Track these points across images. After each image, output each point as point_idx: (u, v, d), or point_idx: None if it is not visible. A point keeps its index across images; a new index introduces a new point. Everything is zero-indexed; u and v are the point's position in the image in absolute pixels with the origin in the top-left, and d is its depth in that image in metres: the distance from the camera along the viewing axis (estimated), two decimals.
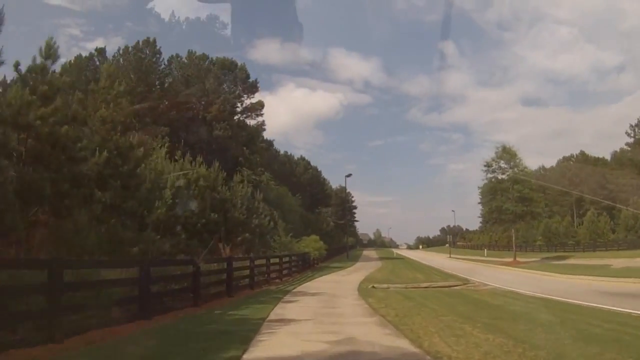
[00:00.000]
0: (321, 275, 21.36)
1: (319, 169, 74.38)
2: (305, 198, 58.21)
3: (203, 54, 33.69)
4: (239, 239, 21.14)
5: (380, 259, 43.89)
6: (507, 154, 33.64)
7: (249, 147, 31.99)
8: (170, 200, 12.44)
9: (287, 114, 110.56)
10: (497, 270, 26.50)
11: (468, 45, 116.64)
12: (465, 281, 17.98)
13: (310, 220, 45.79)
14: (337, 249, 52.21)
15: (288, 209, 37.22)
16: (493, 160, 34.18)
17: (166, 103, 28.12)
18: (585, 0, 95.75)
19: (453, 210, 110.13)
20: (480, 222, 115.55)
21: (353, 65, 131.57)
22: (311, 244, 27.59)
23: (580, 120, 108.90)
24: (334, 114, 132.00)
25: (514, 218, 34.11)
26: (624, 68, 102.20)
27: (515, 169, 33.25)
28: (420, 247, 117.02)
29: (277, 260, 19.97)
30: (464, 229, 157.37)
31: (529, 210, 33.71)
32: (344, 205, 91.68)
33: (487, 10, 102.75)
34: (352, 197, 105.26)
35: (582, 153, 66.21)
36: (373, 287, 15.24)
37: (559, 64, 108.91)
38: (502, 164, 33.98)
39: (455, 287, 15.77)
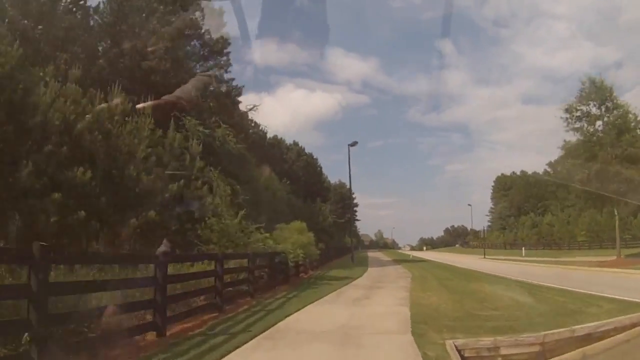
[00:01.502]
0: (305, 304, 9.75)
1: (314, 157, 62.76)
2: (298, 189, 46.72)
3: None
4: (134, 221, 10.05)
5: (396, 262, 32.41)
6: (599, 90, 22.17)
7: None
8: None
9: (286, 115, 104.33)
10: (631, 278, 15.17)
11: (465, 43, 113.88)
12: None
13: (301, 211, 34.26)
14: (337, 250, 40.82)
15: (268, 192, 25.74)
16: (577, 104, 22.72)
17: None
18: None
19: (469, 205, 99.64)
20: (489, 221, 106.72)
21: (351, 66, 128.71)
22: (293, 238, 15.99)
23: None
24: (332, 114, 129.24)
25: (625, 189, 22.13)
26: (622, 64, 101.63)
27: (615, 112, 21.82)
28: (424, 248, 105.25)
29: (201, 267, 8.70)
30: (469, 229, 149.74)
31: None
32: (345, 201, 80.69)
33: (483, 6, 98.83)
34: (353, 193, 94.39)
35: None
36: None
37: (557, 61, 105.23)
38: (593, 108, 22.52)
39: None
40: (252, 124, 49.23)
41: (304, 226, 17.30)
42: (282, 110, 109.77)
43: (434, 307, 9.17)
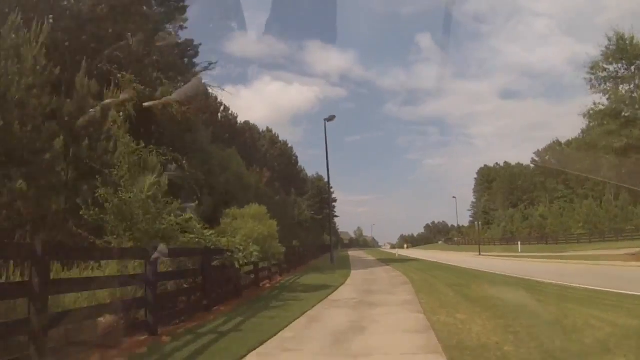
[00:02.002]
0: (241, 354, 4.99)
1: (289, 145, 57.98)
2: (271, 179, 41.68)
3: None
4: None
5: (383, 262, 27.86)
6: (629, 47, 18.11)
7: (136, 36, 15.50)
8: None
9: (264, 108, 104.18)
10: None
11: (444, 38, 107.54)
12: None
13: (273, 201, 29.34)
14: (315, 249, 36.17)
15: (230, 176, 20.77)
16: (602, 61, 18.61)
17: None
18: None
19: (454, 197, 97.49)
20: (471, 216, 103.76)
21: (330, 59, 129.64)
22: (246, 229, 11.04)
23: (557, 113, 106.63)
24: (310, 107, 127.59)
25: None
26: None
27: None
28: (406, 246, 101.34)
29: None
30: (449, 225, 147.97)
31: None
32: (323, 195, 76.44)
33: (464, 2, 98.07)
34: (332, 188, 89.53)
35: None
36: None
37: (535, 57, 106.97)
38: (621, 68, 18.46)
39: None
40: (221, 107, 44.06)
41: (263, 211, 12.38)
42: (259, 104, 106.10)
43: (488, 348, 4.61)
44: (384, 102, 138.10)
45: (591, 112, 19.52)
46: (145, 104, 12.59)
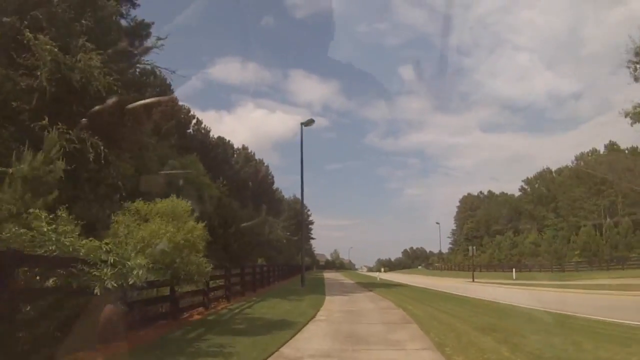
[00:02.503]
0: None
1: (265, 163, 53.62)
2: (244, 198, 36.83)
3: None
4: None
5: (364, 286, 23.04)
6: None
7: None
8: None
9: (245, 132, 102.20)
10: None
11: (427, 70, 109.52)
12: None
13: (233, 213, 24.39)
14: (286, 270, 31.38)
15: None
16: None
17: None
18: (545, 27, 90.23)
19: (438, 223, 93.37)
20: (450, 243, 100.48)
21: (312, 88, 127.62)
22: (144, 231, 6.29)
23: (538, 147, 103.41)
24: (292, 135, 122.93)
25: None
26: (581, 95, 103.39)
27: None
28: (382, 269, 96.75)
29: None
30: (428, 251, 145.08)
31: None
32: (299, 217, 71.69)
33: (446, 35, 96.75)
34: (309, 210, 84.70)
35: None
36: None
37: (517, 91, 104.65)
38: None
39: None
40: (194, 121, 39.51)
41: (181, 207, 7.58)
42: (241, 129, 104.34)
43: None
44: (366, 132, 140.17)
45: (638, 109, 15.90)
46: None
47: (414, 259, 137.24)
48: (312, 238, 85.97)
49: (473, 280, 29.50)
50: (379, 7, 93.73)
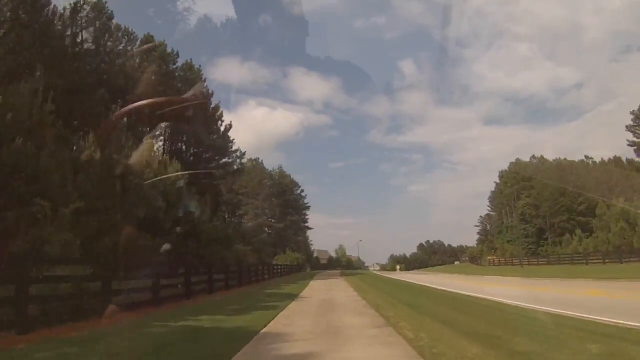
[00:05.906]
0: None
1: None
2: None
3: None
4: None
5: (385, 320, 7.47)
6: None
7: None
8: None
9: (248, 133, 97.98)
10: None
11: (427, 64, 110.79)
12: None
13: None
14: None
15: None
16: None
17: None
18: (544, 16, 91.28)
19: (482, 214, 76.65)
20: (478, 233, 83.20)
21: (313, 85, 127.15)
22: None
23: (540, 138, 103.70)
24: (294, 134, 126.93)
25: None
26: (582, 85, 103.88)
27: None
28: (398, 267, 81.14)
29: None
30: (447, 245, 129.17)
31: None
32: (286, 196, 56.27)
33: (446, 26, 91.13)
34: (303, 191, 68.78)
35: None
36: None
37: (518, 82, 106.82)
38: None
39: None
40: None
41: None
42: (243, 129, 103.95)
43: None
44: (369, 129, 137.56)
45: None
46: None
47: (431, 254, 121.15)
48: (309, 228, 69.55)
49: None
50: (376, 1, 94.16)
